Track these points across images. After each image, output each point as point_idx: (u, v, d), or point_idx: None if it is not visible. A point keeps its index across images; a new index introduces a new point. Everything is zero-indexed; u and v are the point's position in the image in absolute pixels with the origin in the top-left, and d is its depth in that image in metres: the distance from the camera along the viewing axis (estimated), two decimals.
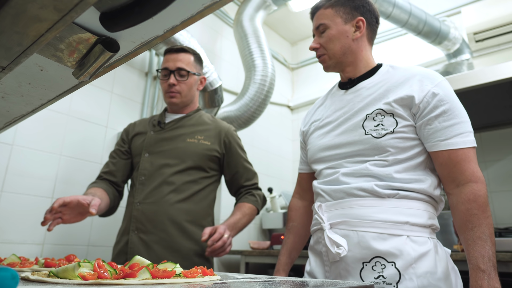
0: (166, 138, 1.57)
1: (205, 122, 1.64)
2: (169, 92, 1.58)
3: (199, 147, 1.54)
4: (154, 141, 1.57)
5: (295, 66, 3.88)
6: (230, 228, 1.46)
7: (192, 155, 1.53)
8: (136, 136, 1.64)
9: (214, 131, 1.61)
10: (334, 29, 1.17)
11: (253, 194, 1.62)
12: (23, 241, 1.67)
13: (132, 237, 1.45)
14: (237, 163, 1.62)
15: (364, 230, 1.00)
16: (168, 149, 1.54)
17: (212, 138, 1.59)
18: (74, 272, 0.54)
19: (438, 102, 1.01)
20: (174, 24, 0.46)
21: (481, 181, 0.97)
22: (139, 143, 1.60)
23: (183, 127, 1.60)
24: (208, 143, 1.56)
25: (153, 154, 1.55)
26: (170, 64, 1.58)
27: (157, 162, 1.52)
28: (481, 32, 2.54)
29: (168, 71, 1.58)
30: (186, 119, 1.62)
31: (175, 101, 1.59)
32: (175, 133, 1.58)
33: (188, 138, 1.56)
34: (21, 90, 0.66)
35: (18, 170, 1.70)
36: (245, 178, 1.63)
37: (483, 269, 0.87)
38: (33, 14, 0.38)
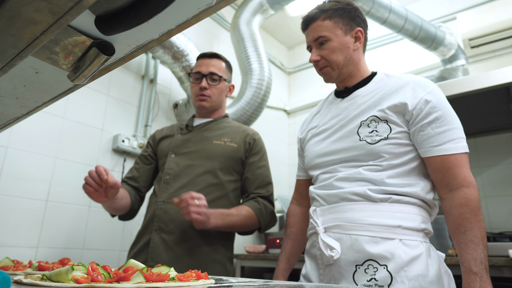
0: (193, 140, 1.58)
1: (232, 126, 1.65)
2: (199, 95, 1.59)
3: (226, 149, 1.54)
4: (181, 143, 1.58)
5: (291, 70, 3.89)
6: (217, 215, 1.37)
7: (218, 157, 1.51)
8: (163, 139, 1.66)
9: (241, 134, 1.61)
10: (336, 41, 1.17)
11: (258, 201, 1.51)
12: (17, 244, 1.65)
13: (154, 237, 1.42)
14: (253, 168, 1.56)
15: (357, 234, 1.01)
16: (195, 150, 1.54)
17: (238, 140, 1.58)
18: (67, 275, 0.54)
19: (431, 109, 1.03)
20: (169, 28, 0.47)
21: (473, 186, 0.99)
22: (166, 145, 1.61)
23: (210, 130, 1.61)
24: (234, 145, 1.56)
25: (179, 155, 1.55)
26: (203, 69, 1.60)
27: (183, 162, 1.52)
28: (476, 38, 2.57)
29: (201, 74, 1.60)
30: (213, 123, 1.64)
31: (205, 105, 1.60)
32: (201, 135, 1.59)
33: (214, 140, 1.56)
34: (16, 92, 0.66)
35: (13, 173, 1.69)
36: (257, 185, 1.54)
37: (475, 271, 0.89)
38: (28, 17, 0.38)
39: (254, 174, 1.55)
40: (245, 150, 1.57)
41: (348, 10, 1.20)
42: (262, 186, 1.55)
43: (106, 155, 2.08)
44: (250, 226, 1.48)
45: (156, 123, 2.40)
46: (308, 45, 1.24)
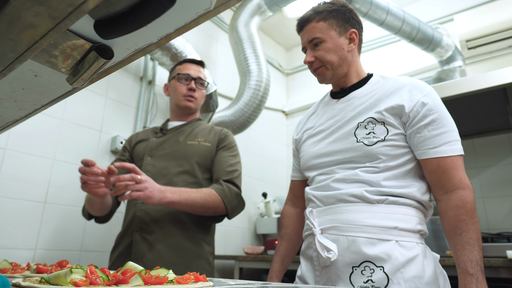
0: (168, 142, 1.62)
1: (204, 128, 1.71)
2: (188, 95, 1.67)
3: (200, 148, 1.59)
4: (156, 145, 1.62)
5: (290, 72, 3.90)
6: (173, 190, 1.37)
7: (193, 156, 1.56)
8: (139, 143, 1.69)
9: (213, 133, 1.67)
10: (330, 42, 1.18)
11: (220, 183, 1.51)
12: (15, 246, 1.65)
13: (135, 237, 1.46)
14: (221, 158, 1.58)
15: (354, 235, 1.02)
16: (170, 151, 1.58)
17: (211, 139, 1.64)
18: (66, 278, 0.54)
19: (427, 112, 1.04)
20: (168, 32, 0.47)
21: (469, 188, 1.00)
22: (141, 149, 1.65)
23: (184, 132, 1.66)
24: (208, 144, 1.61)
25: (155, 157, 1.59)
26: (193, 72, 1.69)
27: (159, 164, 1.56)
28: (473, 39, 2.58)
29: (190, 77, 1.68)
30: (187, 126, 1.69)
31: (192, 106, 1.68)
32: (176, 137, 1.63)
33: (189, 141, 1.61)
34: (15, 95, 0.66)
35: (11, 175, 1.68)
36: (222, 172, 1.54)
37: (471, 273, 0.90)
38: (28, 21, 0.38)
39: (219, 163, 1.56)
40: (216, 146, 1.63)
41: (343, 11, 1.20)
42: (226, 173, 1.54)
43: (104, 157, 2.08)
44: (213, 207, 1.45)
45: (154, 125, 2.40)
46: (303, 47, 1.25)
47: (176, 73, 1.70)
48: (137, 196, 1.27)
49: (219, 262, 2.66)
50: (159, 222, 1.46)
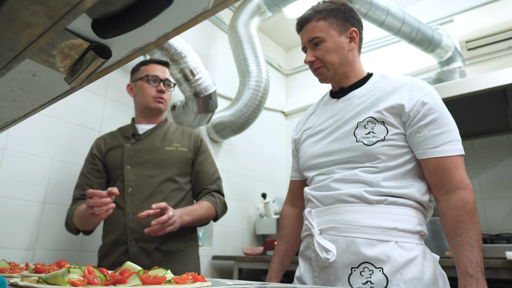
0: (145, 149, 1.62)
1: (176, 130, 1.74)
2: (158, 97, 1.67)
3: (179, 154, 1.63)
4: (133, 153, 1.61)
5: (289, 72, 3.90)
6: (185, 214, 1.46)
7: (174, 163, 1.60)
8: (111, 150, 1.65)
9: (187, 137, 1.71)
10: (331, 41, 1.17)
11: (213, 195, 1.64)
12: (14, 246, 1.65)
13: (132, 248, 1.48)
14: (203, 165, 1.68)
15: (353, 236, 1.01)
16: (150, 159, 1.59)
17: (187, 144, 1.68)
18: (63, 278, 0.54)
19: (428, 111, 1.03)
20: (166, 31, 0.47)
21: (469, 188, 0.99)
22: (116, 156, 1.62)
23: (158, 136, 1.67)
24: (185, 149, 1.66)
25: (135, 165, 1.58)
26: (160, 74, 1.69)
27: (142, 173, 1.57)
28: (473, 40, 2.59)
29: (159, 79, 1.68)
30: (159, 129, 1.70)
31: (162, 107, 1.70)
32: (152, 143, 1.64)
33: (166, 147, 1.63)
34: (13, 95, 0.66)
35: (10, 175, 1.68)
36: (208, 181, 1.67)
37: (471, 274, 0.89)
38: (25, 20, 0.38)
39: (204, 172, 1.67)
40: (194, 151, 1.69)
41: (343, 10, 1.20)
42: (213, 182, 1.68)
43: None
44: (210, 217, 1.61)
45: None
46: (303, 46, 1.24)
47: (144, 74, 1.68)
48: (170, 230, 1.37)
49: (218, 262, 2.65)
50: None
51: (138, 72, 1.72)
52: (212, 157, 1.75)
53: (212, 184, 1.67)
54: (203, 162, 1.68)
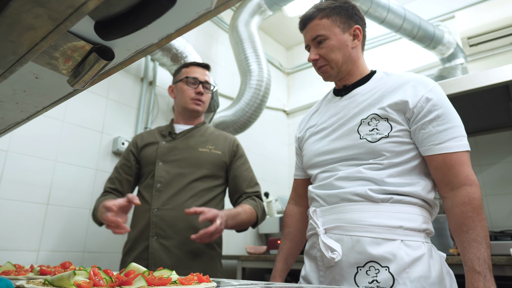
0: (179, 148, 1.63)
1: (212, 133, 1.74)
2: (196, 99, 1.68)
3: (212, 156, 1.63)
4: (167, 150, 1.62)
5: (290, 71, 3.90)
6: (229, 218, 1.47)
7: (205, 164, 1.60)
8: (147, 146, 1.68)
9: (223, 141, 1.71)
10: (334, 39, 1.17)
11: (254, 199, 1.65)
12: (18, 248, 1.65)
13: (152, 243, 1.48)
14: (241, 170, 1.68)
15: (359, 235, 1.00)
16: (182, 158, 1.60)
17: (221, 147, 1.68)
18: (69, 280, 0.54)
19: (432, 107, 1.02)
20: (169, 33, 0.47)
21: (476, 184, 0.98)
22: (150, 152, 1.64)
23: (193, 137, 1.68)
24: (219, 152, 1.65)
25: (167, 162, 1.60)
26: (200, 76, 1.71)
27: (172, 170, 1.58)
28: (475, 36, 2.57)
29: (198, 81, 1.69)
30: (195, 130, 1.71)
31: (200, 109, 1.71)
32: (186, 142, 1.65)
33: (200, 148, 1.63)
34: (16, 97, 0.66)
35: (13, 177, 1.69)
36: (247, 185, 1.67)
37: (478, 271, 0.88)
38: (28, 23, 0.38)
39: (242, 176, 1.68)
40: (230, 156, 1.69)
41: (346, 8, 1.19)
42: (252, 186, 1.69)
43: (106, 158, 2.08)
44: (251, 222, 1.60)
45: (155, 126, 2.40)
46: (307, 45, 1.23)
47: (184, 76, 1.70)
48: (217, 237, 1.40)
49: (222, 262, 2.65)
50: (175, 227, 1.49)
51: (179, 74, 1.75)
52: (249, 163, 1.76)
53: (251, 187, 1.68)
54: (241, 167, 1.69)
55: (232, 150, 1.70)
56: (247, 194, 1.66)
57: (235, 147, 1.72)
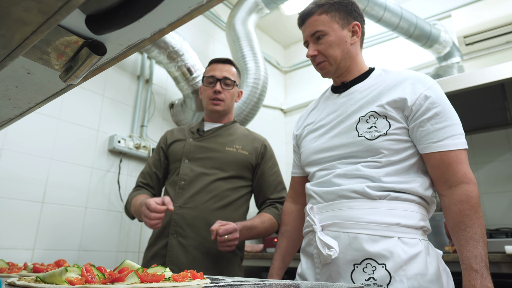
0: (205, 146, 1.61)
1: (242, 133, 1.70)
2: (213, 99, 1.62)
3: (238, 156, 1.59)
4: (194, 148, 1.60)
5: (288, 69, 3.89)
6: (244, 231, 1.44)
7: (231, 164, 1.57)
8: (175, 142, 1.67)
9: (251, 141, 1.67)
10: (333, 35, 1.16)
11: (277, 207, 1.60)
12: (13, 246, 1.64)
13: (171, 240, 1.47)
14: (268, 174, 1.63)
15: (355, 232, 1.00)
16: (208, 156, 1.58)
17: (249, 148, 1.63)
18: (61, 277, 0.53)
19: (430, 105, 1.02)
20: (161, 27, 0.46)
21: (473, 182, 0.98)
22: (178, 149, 1.63)
23: (221, 136, 1.64)
24: (246, 152, 1.61)
25: (192, 160, 1.58)
26: (217, 73, 1.64)
27: (197, 169, 1.56)
28: (471, 35, 2.58)
29: (215, 79, 1.63)
30: (223, 129, 1.67)
31: (219, 109, 1.64)
32: (214, 141, 1.62)
33: (227, 147, 1.60)
34: (8, 93, 0.65)
35: (8, 175, 1.68)
36: (272, 190, 1.62)
37: (476, 269, 0.88)
38: (17, 16, 0.38)
39: (268, 180, 1.62)
40: (256, 157, 1.64)
41: (345, 4, 1.19)
42: (278, 191, 1.63)
43: (102, 156, 2.07)
44: (270, 232, 1.56)
45: (152, 123, 2.39)
46: (305, 41, 1.23)
47: (203, 76, 1.68)
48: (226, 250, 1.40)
49: None
50: (195, 227, 1.47)
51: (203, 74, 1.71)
52: (278, 166, 1.70)
53: (276, 193, 1.63)
54: (267, 170, 1.64)
55: (260, 151, 1.65)
56: (271, 201, 1.62)
57: (263, 149, 1.67)
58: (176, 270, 1.41)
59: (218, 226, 1.35)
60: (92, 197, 1.98)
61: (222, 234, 1.34)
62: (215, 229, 1.34)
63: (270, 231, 1.55)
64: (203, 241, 1.46)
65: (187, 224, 1.48)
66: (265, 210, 1.58)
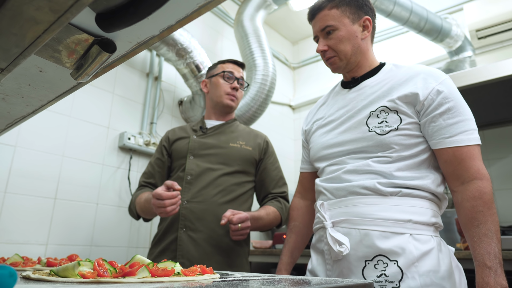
0: (210, 142, 1.64)
1: (243, 130, 1.75)
2: (231, 94, 1.68)
3: (242, 152, 1.63)
4: (198, 145, 1.63)
5: (296, 65, 3.88)
6: (252, 219, 1.47)
7: (236, 159, 1.61)
8: (178, 140, 1.69)
9: (253, 137, 1.71)
10: (344, 30, 1.15)
11: (279, 201, 1.64)
12: (27, 241, 1.68)
13: (181, 235, 1.48)
14: (270, 170, 1.68)
15: (367, 229, 0.99)
16: (213, 153, 1.61)
17: (252, 144, 1.68)
18: (74, 270, 0.54)
19: (443, 100, 1.01)
20: (170, 24, 0.47)
21: (486, 178, 0.96)
22: (182, 146, 1.65)
23: (224, 132, 1.68)
24: (250, 148, 1.66)
25: (198, 157, 1.61)
26: (236, 72, 1.72)
27: (203, 164, 1.59)
28: (483, 29, 2.53)
29: (234, 76, 1.70)
30: (226, 126, 1.71)
31: (233, 105, 1.71)
32: (217, 138, 1.66)
33: (231, 143, 1.64)
34: (21, 91, 0.67)
35: (21, 171, 1.71)
36: (274, 185, 1.67)
37: (489, 266, 0.87)
38: (29, 15, 0.39)
39: (271, 175, 1.67)
40: (259, 153, 1.68)
41: None
42: (279, 186, 1.68)
43: (112, 153, 2.10)
44: (274, 224, 1.60)
45: (161, 120, 2.41)
46: (315, 36, 1.22)
47: (221, 71, 1.71)
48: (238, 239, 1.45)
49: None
50: (204, 221, 1.49)
51: (215, 69, 1.75)
52: (278, 162, 1.75)
53: (278, 187, 1.67)
54: (270, 166, 1.69)
55: (262, 147, 1.70)
56: (273, 195, 1.65)
57: (265, 145, 1.72)
58: (187, 264, 1.43)
59: (230, 215, 1.37)
60: (103, 193, 2.00)
61: (236, 223, 1.37)
62: (228, 216, 1.36)
63: (274, 224, 1.59)
64: (213, 234, 1.48)
65: (197, 218, 1.49)
66: (268, 203, 1.62)
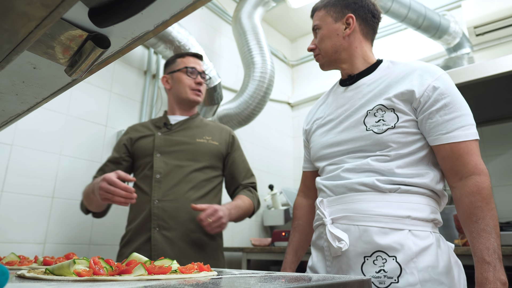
0: (176, 139, 1.63)
1: (208, 124, 1.74)
2: (196, 89, 1.69)
3: (209, 147, 1.63)
4: (164, 142, 1.62)
5: (295, 63, 3.87)
6: (233, 211, 1.51)
7: (204, 155, 1.61)
8: (142, 138, 1.66)
9: (219, 132, 1.71)
10: (325, 28, 1.20)
11: (251, 190, 1.69)
12: (25, 240, 1.67)
13: (154, 234, 1.47)
14: (238, 162, 1.70)
15: (366, 225, 1.00)
16: (180, 149, 1.60)
17: (218, 138, 1.68)
18: (69, 269, 0.54)
19: (439, 96, 1.01)
20: (164, 19, 0.46)
21: (485, 174, 0.96)
22: (146, 144, 1.63)
23: (190, 128, 1.67)
24: (216, 143, 1.66)
25: (165, 154, 1.59)
26: (198, 66, 1.72)
27: (171, 162, 1.57)
28: (481, 25, 2.53)
29: (196, 71, 1.70)
30: (191, 121, 1.71)
31: (199, 99, 1.72)
32: (183, 134, 1.64)
33: (197, 138, 1.63)
34: (15, 88, 0.66)
35: (18, 170, 1.70)
36: (243, 177, 1.70)
37: (488, 261, 0.87)
38: (21, 10, 0.38)
39: (239, 168, 1.71)
40: (226, 147, 1.70)
41: None
42: (248, 177, 1.73)
43: (110, 151, 2.09)
44: (250, 213, 1.65)
45: None
46: None
47: (183, 66, 1.69)
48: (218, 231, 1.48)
49: (227, 254, 2.67)
50: (178, 219, 1.49)
51: (175, 64, 1.73)
52: (244, 154, 1.77)
53: (247, 179, 1.71)
54: (237, 158, 1.71)
55: (228, 141, 1.71)
56: (244, 185, 1.69)
57: (231, 139, 1.73)
58: None
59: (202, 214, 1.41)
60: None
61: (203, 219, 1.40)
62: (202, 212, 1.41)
63: (250, 211, 1.64)
64: (188, 232, 1.49)
65: (170, 216, 1.49)
66: (241, 193, 1.65)
